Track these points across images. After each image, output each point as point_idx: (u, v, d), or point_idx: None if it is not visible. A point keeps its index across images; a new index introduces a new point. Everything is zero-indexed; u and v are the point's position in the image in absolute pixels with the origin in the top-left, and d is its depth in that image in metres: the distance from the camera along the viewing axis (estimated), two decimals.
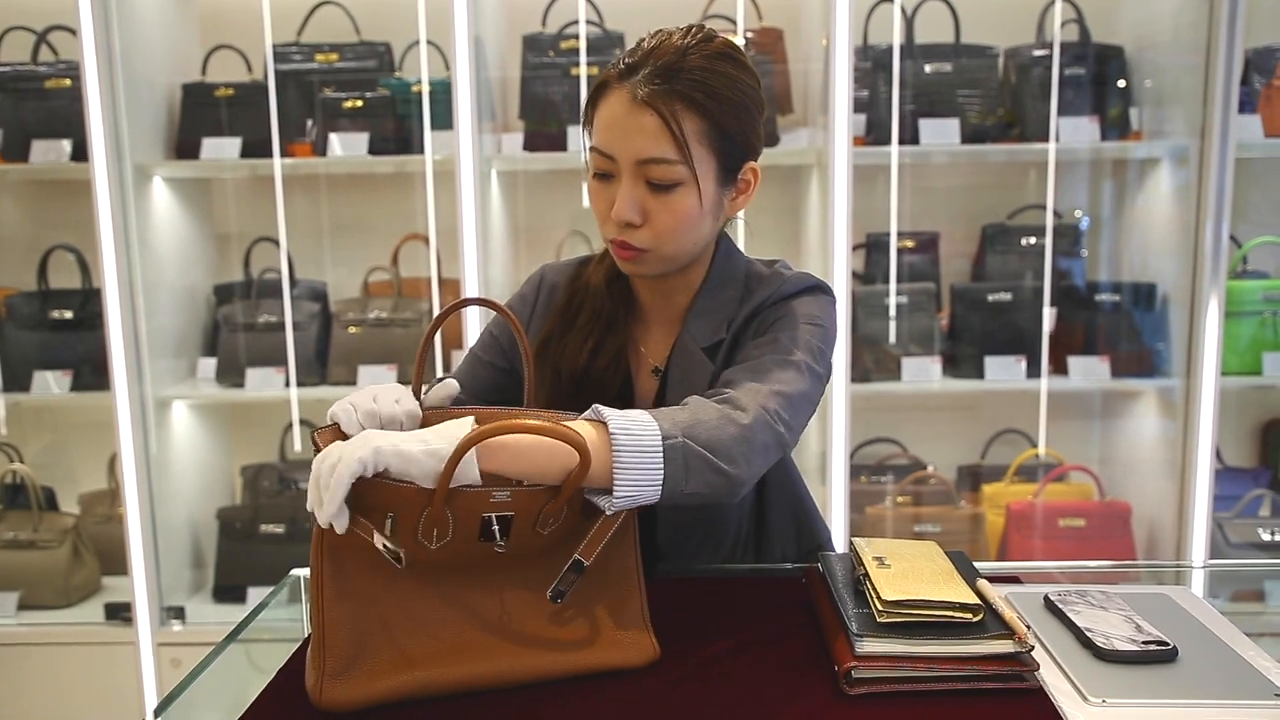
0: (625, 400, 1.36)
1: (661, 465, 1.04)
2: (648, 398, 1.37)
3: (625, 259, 1.25)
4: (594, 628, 1.08)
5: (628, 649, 1.08)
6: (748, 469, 1.10)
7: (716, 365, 1.29)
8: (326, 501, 0.93)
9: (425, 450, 0.95)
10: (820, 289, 1.31)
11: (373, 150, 2.74)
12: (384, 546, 0.94)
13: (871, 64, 2.72)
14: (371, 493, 0.96)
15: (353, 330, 2.85)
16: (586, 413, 1.08)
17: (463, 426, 0.99)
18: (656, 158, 1.17)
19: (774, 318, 1.27)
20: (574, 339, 1.34)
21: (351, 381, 2.81)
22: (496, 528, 1.00)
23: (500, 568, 1.05)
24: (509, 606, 1.05)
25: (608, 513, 1.03)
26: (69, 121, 2.72)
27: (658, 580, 1.13)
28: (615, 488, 1.02)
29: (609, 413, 1.06)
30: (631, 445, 1.03)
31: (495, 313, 1.39)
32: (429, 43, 2.77)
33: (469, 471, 0.97)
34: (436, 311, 2.63)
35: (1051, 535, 2.74)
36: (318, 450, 1.01)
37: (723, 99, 1.19)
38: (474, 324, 2.67)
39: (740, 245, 2.77)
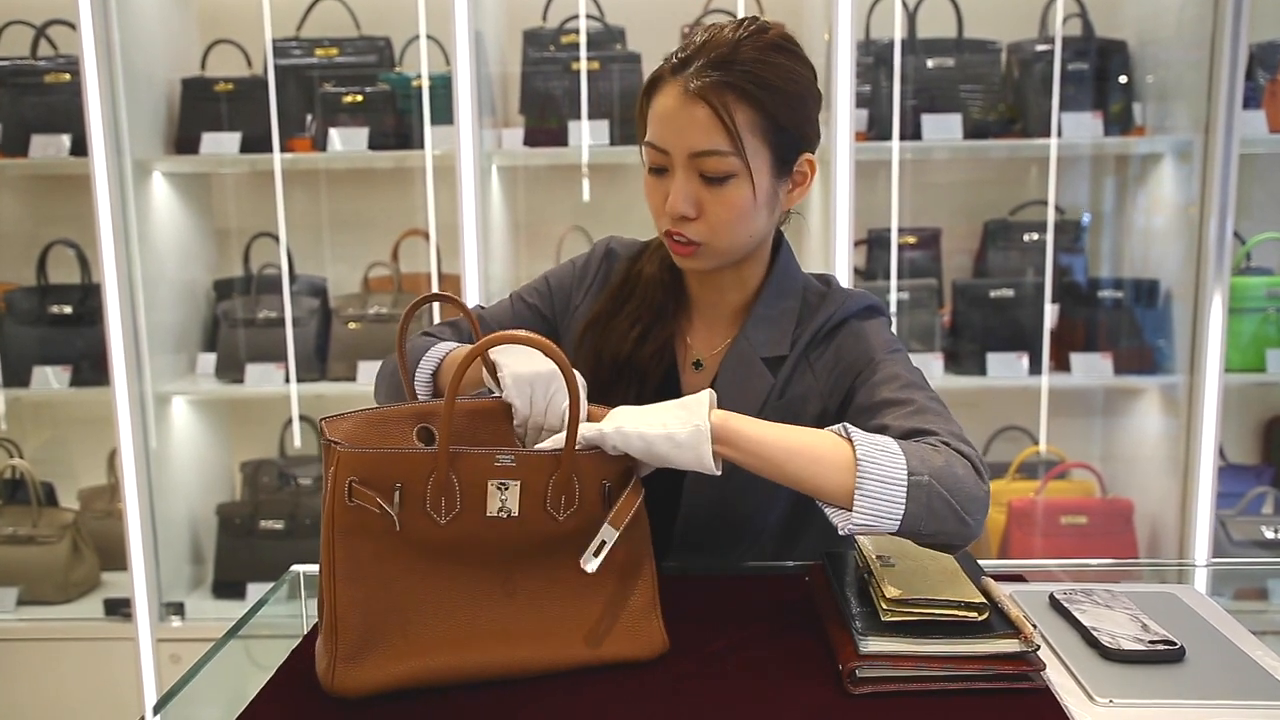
0: (667, 393, 1.36)
1: (904, 501, 1.04)
2: (692, 393, 1.37)
3: (680, 254, 1.25)
4: (605, 619, 1.08)
5: (638, 641, 1.08)
6: (979, 526, 1.08)
7: (779, 381, 1.30)
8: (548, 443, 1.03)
9: (665, 435, 1.03)
10: (879, 310, 1.34)
11: (373, 145, 2.73)
12: (383, 508, 0.96)
13: (873, 59, 2.71)
14: (378, 464, 0.97)
15: (353, 326, 2.84)
16: (835, 426, 1.10)
17: (701, 404, 1.06)
18: (709, 150, 1.18)
19: (855, 353, 1.28)
20: (621, 324, 1.35)
21: (351, 378, 2.80)
22: (504, 495, 1.00)
23: (513, 557, 1.04)
24: (521, 596, 1.05)
25: (841, 532, 1.05)
26: (68, 116, 2.72)
27: (663, 576, 1.12)
28: (855, 511, 1.04)
29: (857, 435, 1.07)
30: (876, 474, 1.04)
31: (549, 274, 1.44)
32: (429, 37, 2.76)
33: (704, 460, 1.04)
34: (436, 310, 2.62)
35: (1053, 532, 2.74)
36: (324, 441, 1.00)
37: (776, 90, 1.19)
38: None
39: None
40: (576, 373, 1.06)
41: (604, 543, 1.02)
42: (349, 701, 0.99)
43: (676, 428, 1.04)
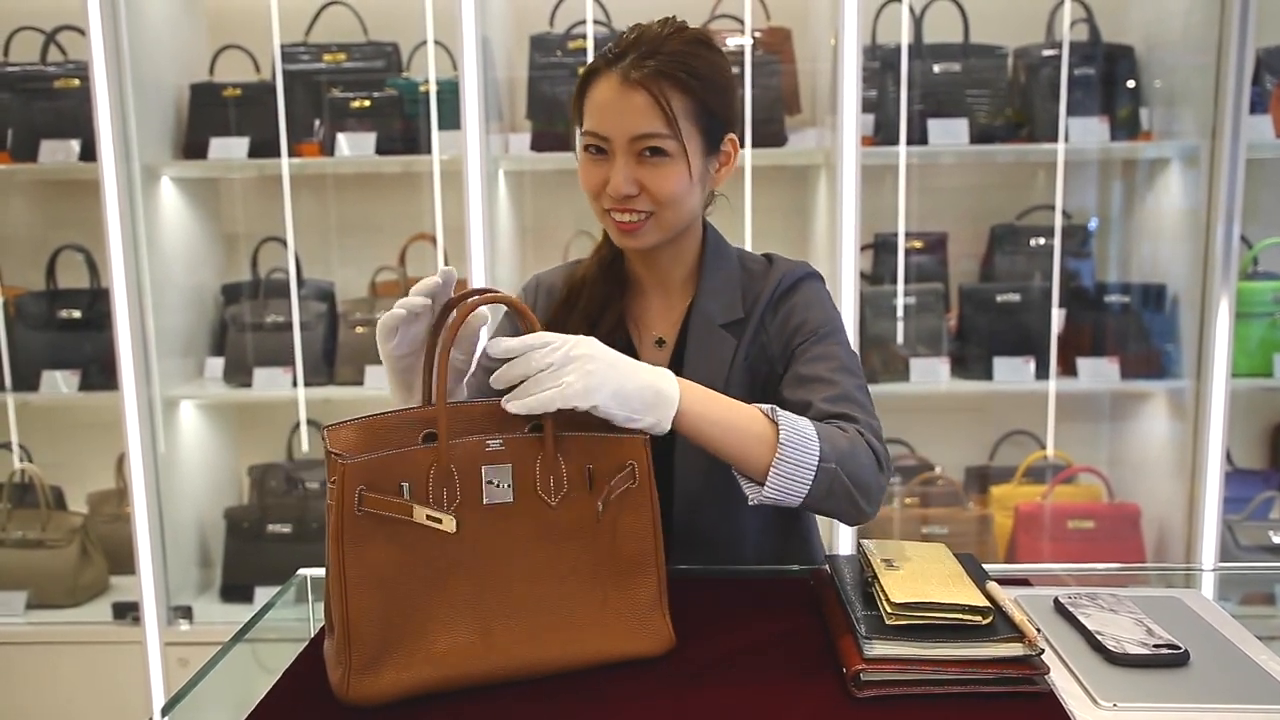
0: None
1: (810, 483, 1.17)
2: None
3: (627, 230, 1.32)
4: (614, 615, 1.09)
5: (646, 637, 1.09)
6: (874, 511, 1.23)
7: (742, 345, 1.38)
8: (529, 404, 1.04)
9: (641, 397, 1.11)
10: (817, 276, 1.44)
11: (380, 150, 2.74)
12: (428, 517, 0.99)
13: (880, 64, 2.71)
14: (382, 468, 0.99)
15: (360, 330, 2.85)
16: (764, 407, 1.20)
17: (663, 370, 1.15)
18: (648, 133, 1.27)
19: (803, 317, 1.37)
20: (575, 322, 1.41)
21: (359, 381, 2.81)
22: (498, 481, 1.03)
23: (518, 556, 1.05)
24: (528, 597, 1.06)
25: (750, 501, 1.18)
26: (77, 121, 2.72)
27: (668, 578, 1.13)
28: (767, 486, 1.16)
29: (782, 419, 1.18)
30: (792, 457, 1.16)
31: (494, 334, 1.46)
32: (436, 43, 2.77)
33: (665, 414, 1.12)
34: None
35: (1060, 537, 2.73)
36: (329, 454, 1.01)
37: (704, 78, 1.29)
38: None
39: (747, 244, 2.75)
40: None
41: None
42: (355, 705, 1.00)
43: (650, 382, 1.12)
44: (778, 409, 1.19)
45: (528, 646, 1.04)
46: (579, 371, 1.06)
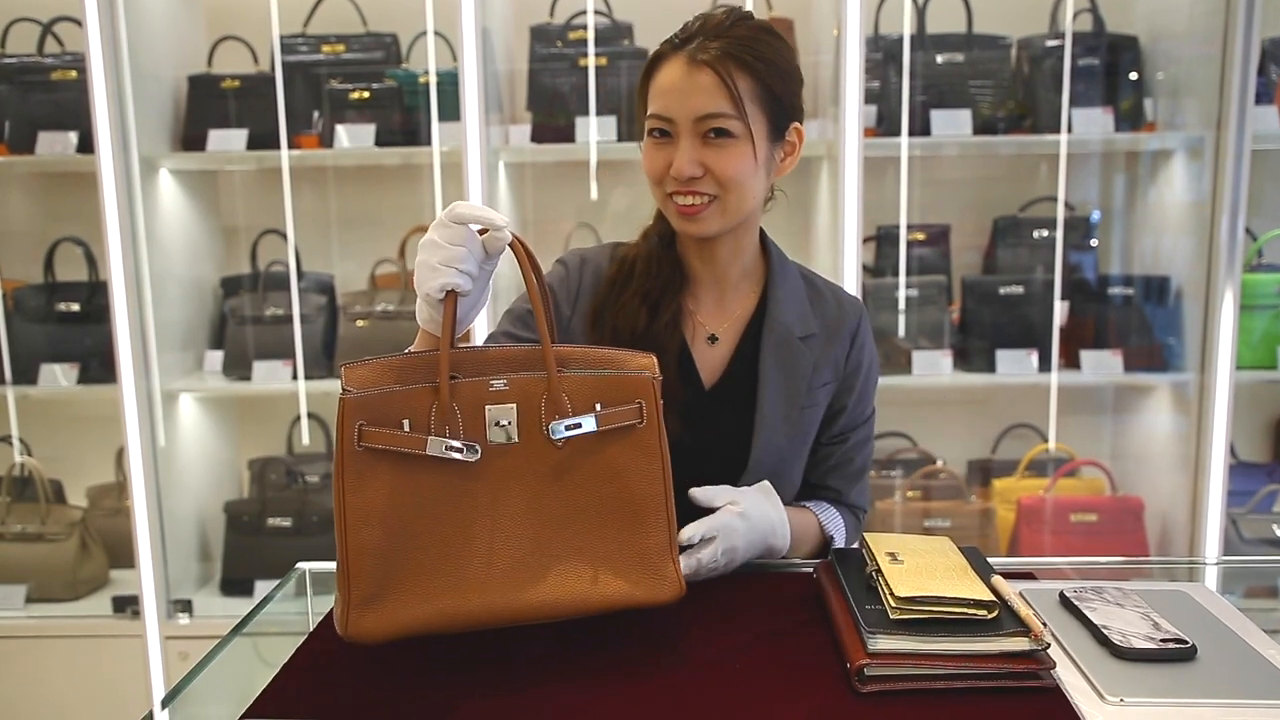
0: (682, 367, 1.40)
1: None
2: (713, 366, 1.43)
3: (688, 215, 1.31)
4: (620, 558, 1.07)
5: (654, 583, 1.08)
6: None
7: (821, 363, 1.43)
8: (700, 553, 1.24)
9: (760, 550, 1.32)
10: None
11: (380, 142, 2.73)
12: (448, 448, 1.00)
13: (882, 54, 2.70)
14: (382, 405, 0.99)
15: (360, 323, 2.84)
16: (826, 527, 1.46)
17: (779, 509, 1.34)
18: (714, 113, 1.27)
19: (869, 364, 1.49)
20: (629, 301, 1.39)
21: None
22: (503, 421, 1.03)
23: (522, 494, 1.04)
24: (533, 535, 1.05)
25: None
26: (75, 113, 2.71)
27: None
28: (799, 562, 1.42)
29: (834, 538, 1.45)
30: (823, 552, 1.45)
31: (525, 301, 1.45)
32: (436, 34, 2.76)
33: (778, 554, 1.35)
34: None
35: (1063, 530, 2.72)
36: (342, 389, 1.01)
37: (770, 62, 1.29)
38: (483, 319, 2.66)
39: None
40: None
41: (579, 424, 1.05)
42: (354, 699, 0.99)
43: (778, 541, 1.33)
44: (833, 534, 1.45)
45: (531, 589, 1.03)
46: (736, 543, 1.26)
